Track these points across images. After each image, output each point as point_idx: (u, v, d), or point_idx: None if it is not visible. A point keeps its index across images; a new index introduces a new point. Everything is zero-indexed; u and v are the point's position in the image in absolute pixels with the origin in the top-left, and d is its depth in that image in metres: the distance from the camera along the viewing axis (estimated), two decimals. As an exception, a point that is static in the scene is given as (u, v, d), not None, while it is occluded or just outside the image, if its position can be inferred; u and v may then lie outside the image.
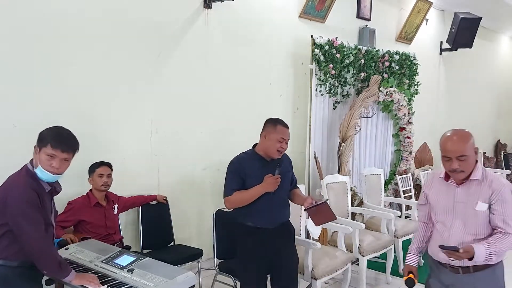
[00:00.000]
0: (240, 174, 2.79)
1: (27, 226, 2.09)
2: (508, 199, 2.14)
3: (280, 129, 2.80)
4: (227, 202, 2.82)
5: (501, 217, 2.14)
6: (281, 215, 2.89)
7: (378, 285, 4.20)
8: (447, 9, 7.62)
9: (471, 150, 2.17)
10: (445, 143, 2.19)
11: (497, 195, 2.14)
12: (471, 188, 2.20)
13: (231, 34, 4.51)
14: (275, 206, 2.82)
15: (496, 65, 9.73)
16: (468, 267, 2.20)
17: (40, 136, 2.19)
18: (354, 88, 5.56)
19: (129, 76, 3.77)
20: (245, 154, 2.89)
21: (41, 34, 3.24)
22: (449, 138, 2.19)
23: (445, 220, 2.28)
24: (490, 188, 2.16)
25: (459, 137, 2.19)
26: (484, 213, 2.17)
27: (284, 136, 2.81)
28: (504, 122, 10.14)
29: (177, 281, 2.28)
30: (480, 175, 2.19)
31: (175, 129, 4.13)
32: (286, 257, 2.94)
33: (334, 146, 5.32)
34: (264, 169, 2.78)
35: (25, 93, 3.20)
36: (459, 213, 2.22)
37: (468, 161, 2.15)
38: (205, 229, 4.23)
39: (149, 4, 3.83)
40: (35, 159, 2.19)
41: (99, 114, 3.60)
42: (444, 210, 2.28)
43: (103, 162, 3.40)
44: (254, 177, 2.76)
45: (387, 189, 5.85)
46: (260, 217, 2.80)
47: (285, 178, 2.87)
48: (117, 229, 3.50)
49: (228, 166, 2.86)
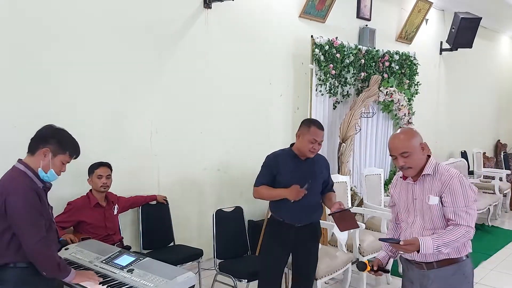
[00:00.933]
0: (272, 170, 2.94)
1: (27, 229, 2.08)
2: (456, 190, 2.13)
3: (313, 130, 2.88)
4: (254, 191, 3.00)
5: (451, 208, 2.13)
6: (306, 215, 2.95)
7: (378, 285, 4.20)
8: (447, 9, 7.62)
9: (415, 147, 2.17)
10: (390, 142, 2.25)
11: (445, 187, 2.14)
12: (425, 184, 2.21)
13: (231, 34, 4.50)
14: (300, 208, 2.90)
15: (496, 65, 9.73)
16: (431, 263, 2.19)
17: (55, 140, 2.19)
18: (354, 88, 5.55)
19: (129, 76, 3.76)
20: (282, 151, 3.03)
21: (41, 34, 3.24)
22: (392, 137, 2.28)
23: (407, 218, 2.30)
24: (440, 180, 2.16)
25: (401, 135, 2.24)
26: (437, 207, 2.16)
27: (316, 138, 2.87)
28: (504, 122, 10.14)
29: (177, 281, 2.27)
30: (432, 169, 2.19)
31: (175, 129, 4.12)
32: (307, 257, 3.04)
33: (334, 146, 5.32)
34: (297, 169, 2.91)
35: (25, 94, 3.19)
36: (418, 210, 2.23)
37: (413, 157, 2.16)
38: (205, 229, 4.22)
39: (149, 4, 3.83)
40: (43, 162, 2.16)
41: (99, 114, 3.60)
42: (405, 209, 2.31)
43: (102, 162, 3.40)
44: (285, 174, 2.90)
45: (387, 189, 5.84)
46: (286, 214, 2.94)
47: (317, 181, 2.96)
48: (117, 229, 3.49)
49: (265, 159, 3.02)
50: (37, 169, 2.17)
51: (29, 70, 3.21)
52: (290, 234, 2.94)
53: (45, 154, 2.17)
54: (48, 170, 2.18)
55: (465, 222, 2.11)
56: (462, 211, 2.12)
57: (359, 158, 5.69)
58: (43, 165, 2.17)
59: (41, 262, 2.13)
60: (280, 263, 3.03)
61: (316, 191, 2.99)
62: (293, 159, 2.94)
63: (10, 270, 2.12)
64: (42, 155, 2.17)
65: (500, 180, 6.99)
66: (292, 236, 2.94)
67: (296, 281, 3.11)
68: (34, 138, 2.22)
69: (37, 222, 2.11)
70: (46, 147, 2.17)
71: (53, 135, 2.21)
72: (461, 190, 2.13)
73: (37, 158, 2.18)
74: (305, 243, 3.00)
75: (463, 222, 2.11)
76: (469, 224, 2.12)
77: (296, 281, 3.11)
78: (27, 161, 2.19)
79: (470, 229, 2.11)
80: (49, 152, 2.17)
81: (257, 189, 2.98)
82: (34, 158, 2.18)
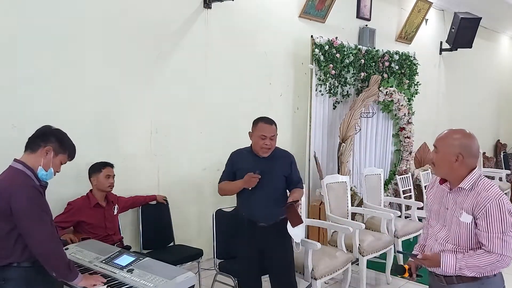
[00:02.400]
0: (233, 167, 3.00)
1: (36, 229, 2.07)
2: (493, 214, 1.95)
3: (260, 126, 2.86)
4: (218, 189, 3.07)
5: (485, 234, 1.96)
6: (267, 212, 2.92)
7: (378, 285, 4.20)
8: (447, 9, 7.62)
9: (447, 147, 2.05)
10: None
11: (481, 209, 1.97)
12: (459, 196, 2.06)
13: (231, 34, 4.51)
14: (260, 203, 2.90)
15: (496, 65, 9.73)
16: (451, 277, 2.05)
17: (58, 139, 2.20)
18: (354, 88, 5.55)
19: (129, 76, 3.77)
20: (244, 149, 3.05)
21: (40, 34, 3.24)
22: (450, 129, 2.15)
23: (435, 225, 2.19)
24: (475, 199, 1.99)
25: (449, 130, 2.14)
26: (468, 225, 2.01)
27: (265, 133, 2.84)
28: (504, 122, 10.14)
29: (177, 281, 2.27)
30: (469, 184, 2.03)
31: (175, 129, 4.13)
32: (279, 255, 2.99)
33: (334, 146, 5.32)
34: (255, 165, 2.89)
35: (25, 94, 3.19)
36: (447, 221, 2.11)
37: (439, 156, 2.07)
38: (205, 229, 4.22)
39: (149, 4, 3.83)
40: (45, 160, 2.16)
41: (98, 114, 3.60)
42: (436, 215, 2.19)
43: (107, 162, 3.41)
44: (243, 172, 2.90)
45: (387, 189, 5.84)
46: (247, 209, 2.96)
47: (273, 177, 2.93)
48: (117, 229, 3.50)
49: (229, 156, 3.06)
50: (36, 167, 2.15)
51: (29, 70, 3.21)
52: (256, 234, 2.94)
53: (48, 152, 2.17)
54: (48, 169, 2.18)
55: (498, 250, 1.94)
56: (497, 238, 1.94)
57: (359, 158, 5.69)
58: (44, 163, 2.16)
59: (53, 262, 2.12)
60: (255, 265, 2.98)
61: (275, 188, 2.95)
62: (253, 156, 2.95)
63: (14, 269, 2.11)
64: (44, 153, 2.16)
65: (500, 180, 6.99)
66: (258, 236, 2.94)
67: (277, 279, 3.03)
68: (34, 136, 2.22)
69: (44, 220, 2.10)
70: (48, 145, 2.17)
71: (54, 134, 2.22)
72: (499, 215, 1.94)
73: (38, 156, 2.16)
74: (274, 244, 2.95)
75: (496, 250, 1.94)
76: (503, 253, 1.94)
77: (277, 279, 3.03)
78: (25, 159, 2.17)
79: (503, 258, 1.95)
80: (51, 151, 2.18)
81: (219, 185, 3.04)
82: (34, 156, 2.16)
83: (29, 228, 2.07)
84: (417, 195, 6.07)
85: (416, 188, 6.13)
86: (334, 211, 4.22)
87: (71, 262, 2.23)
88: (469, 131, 2.13)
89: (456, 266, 1.98)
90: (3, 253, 2.10)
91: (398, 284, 4.18)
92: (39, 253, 2.09)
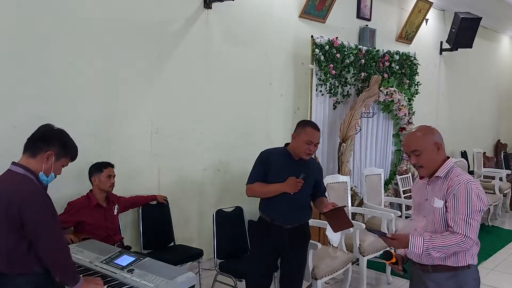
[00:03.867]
0: (265, 166, 2.88)
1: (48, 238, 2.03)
2: (461, 197, 2.04)
3: (309, 131, 2.82)
4: (248, 189, 2.93)
5: (451, 215, 2.06)
6: (296, 215, 2.91)
7: (378, 285, 4.20)
8: (447, 9, 7.61)
9: (428, 146, 2.12)
10: (404, 140, 2.23)
11: (451, 192, 2.07)
12: (435, 186, 2.16)
13: (231, 34, 4.50)
14: (292, 205, 2.85)
15: (496, 65, 9.73)
16: (427, 266, 2.15)
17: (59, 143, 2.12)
18: (354, 88, 5.55)
19: (129, 76, 3.76)
20: (275, 149, 2.97)
21: (40, 34, 3.24)
22: (407, 134, 2.26)
23: (417, 217, 2.28)
24: (447, 184, 2.10)
25: (416, 132, 2.20)
26: (440, 210, 2.11)
27: (312, 139, 2.81)
28: (504, 122, 10.14)
29: (177, 281, 2.27)
30: (445, 172, 2.13)
31: (175, 129, 4.12)
32: (295, 259, 2.98)
33: (335, 146, 5.32)
34: (289, 167, 2.83)
35: (25, 94, 3.19)
36: (425, 211, 2.20)
37: (424, 156, 2.12)
38: (205, 229, 4.22)
39: (149, 4, 3.83)
40: (46, 165, 2.08)
41: (98, 114, 3.60)
42: (417, 208, 2.29)
43: (108, 162, 3.41)
44: (276, 172, 2.83)
45: (387, 189, 5.84)
46: (276, 212, 2.87)
47: (308, 182, 2.88)
48: (117, 229, 3.49)
49: (258, 155, 2.96)
50: (38, 172, 2.08)
51: (29, 70, 3.20)
52: (279, 236, 2.88)
53: (49, 157, 2.09)
54: (49, 174, 2.11)
55: (462, 231, 2.02)
56: (461, 220, 2.03)
57: (359, 158, 5.69)
58: (45, 168, 2.08)
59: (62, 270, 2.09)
60: (268, 266, 2.98)
61: (306, 192, 2.91)
62: (286, 157, 2.88)
63: (26, 277, 2.08)
64: (45, 158, 2.08)
65: (500, 180, 6.99)
66: (281, 239, 2.88)
67: (284, 286, 3.05)
68: (35, 139, 2.11)
69: (54, 228, 2.07)
70: (50, 150, 2.09)
71: (56, 138, 2.12)
72: (465, 197, 2.04)
73: (39, 161, 2.08)
74: (294, 247, 2.94)
75: (460, 231, 2.02)
76: (467, 234, 2.02)
77: (284, 286, 3.05)
78: (25, 163, 2.08)
79: (467, 240, 2.02)
80: (53, 156, 2.09)
81: (250, 186, 2.91)
82: (35, 161, 2.08)
83: (40, 237, 2.03)
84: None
85: (416, 188, 6.12)
86: (334, 211, 4.21)
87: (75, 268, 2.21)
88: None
89: (423, 246, 2.03)
90: (16, 263, 2.06)
91: (398, 284, 4.18)
92: (49, 262, 2.06)
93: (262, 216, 2.98)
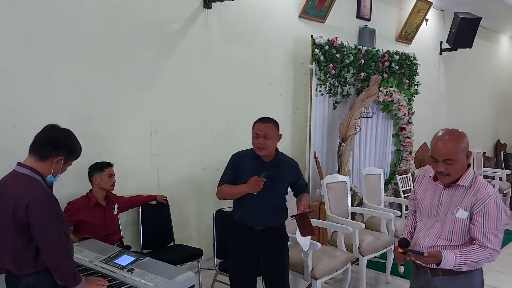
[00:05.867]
0: (235, 169, 2.86)
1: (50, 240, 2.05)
2: (491, 211, 2.01)
3: (255, 126, 2.82)
4: (217, 191, 2.91)
5: (481, 229, 2.02)
6: (266, 218, 2.85)
7: (378, 285, 4.20)
8: (447, 9, 7.62)
9: (461, 154, 2.03)
10: (434, 144, 2.05)
11: (480, 206, 2.02)
12: (456, 193, 2.10)
13: (231, 34, 4.51)
14: (260, 208, 2.80)
15: (496, 65, 9.74)
16: (437, 269, 2.11)
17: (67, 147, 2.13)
18: (354, 88, 5.56)
19: (129, 76, 3.77)
20: (248, 151, 2.92)
21: (40, 34, 3.24)
22: (440, 138, 2.05)
23: (426, 221, 2.21)
24: (475, 196, 2.04)
25: (450, 138, 2.04)
26: (463, 221, 2.06)
27: (258, 131, 2.78)
28: (504, 122, 10.15)
29: (177, 281, 2.28)
30: (468, 181, 2.07)
31: (175, 129, 4.13)
32: (277, 261, 2.92)
33: (334, 146, 5.32)
34: (258, 169, 2.78)
35: (25, 94, 3.19)
36: (440, 217, 2.14)
37: (456, 166, 2.03)
38: (205, 229, 4.23)
39: (149, 4, 3.83)
40: (55, 168, 2.10)
41: (98, 114, 3.60)
42: (427, 210, 2.21)
43: (109, 162, 3.43)
44: (246, 175, 2.79)
45: (387, 189, 5.85)
46: (245, 214, 2.86)
47: (278, 182, 2.84)
48: (117, 229, 3.50)
49: (230, 157, 2.93)
50: (45, 174, 2.10)
51: (29, 70, 3.21)
52: (252, 238, 2.83)
53: (58, 161, 2.11)
54: (56, 175, 2.15)
55: (492, 245, 2.02)
56: (491, 234, 2.02)
57: (359, 158, 5.70)
58: (54, 171, 2.11)
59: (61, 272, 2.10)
60: (249, 268, 2.90)
61: (277, 194, 2.87)
62: (256, 160, 2.85)
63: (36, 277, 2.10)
64: (54, 162, 2.10)
65: (500, 180, 7.00)
66: (255, 241, 2.84)
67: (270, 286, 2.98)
68: (44, 142, 2.09)
69: (60, 231, 2.08)
70: (60, 155, 2.10)
71: (66, 143, 2.13)
72: (495, 212, 2.01)
73: (48, 165, 2.09)
74: (270, 249, 2.87)
75: (490, 245, 2.02)
76: (495, 248, 2.03)
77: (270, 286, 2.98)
78: (32, 165, 2.08)
79: (495, 253, 2.04)
80: (62, 160, 2.12)
81: (219, 188, 2.88)
82: (44, 164, 2.09)
83: (42, 240, 2.04)
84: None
85: (416, 188, 6.12)
86: (334, 211, 4.22)
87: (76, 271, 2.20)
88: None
89: (455, 262, 2.01)
90: (25, 264, 2.08)
91: (398, 284, 4.18)
92: (50, 265, 2.08)
93: (235, 218, 2.93)
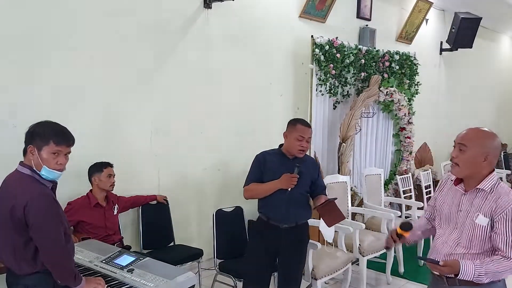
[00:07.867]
0: (260, 168, 2.90)
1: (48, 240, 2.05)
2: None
3: (299, 128, 2.86)
4: (245, 191, 2.95)
5: (503, 237, 1.91)
6: (293, 214, 2.89)
7: (378, 285, 4.20)
8: (447, 9, 7.62)
9: (477, 147, 1.95)
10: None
11: (501, 213, 1.91)
12: (476, 198, 2.00)
13: (231, 34, 4.50)
14: (288, 204, 2.83)
15: (496, 65, 9.73)
16: (453, 279, 2.00)
17: (35, 134, 2.08)
18: (354, 88, 5.55)
19: (129, 76, 3.76)
20: (271, 150, 2.99)
21: (40, 34, 3.24)
22: (471, 127, 2.04)
23: (446, 228, 2.11)
24: (496, 202, 1.94)
25: (476, 129, 2.01)
26: (483, 228, 1.95)
27: (303, 134, 2.84)
28: (504, 122, 10.13)
29: (177, 281, 2.28)
30: (489, 186, 1.98)
31: (175, 129, 4.12)
32: (292, 261, 2.96)
33: (335, 146, 5.32)
34: (284, 166, 2.85)
35: (25, 94, 3.19)
36: (459, 223, 2.04)
37: (467, 155, 1.96)
38: (205, 229, 4.22)
39: (149, 4, 3.83)
40: (34, 160, 2.08)
41: (98, 114, 3.60)
42: (446, 217, 2.12)
43: (108, 162, 3.42)
44: (272, 172, 2.85)
45: (387, 189, 5.84)
46: (273, 211, 2.88)
47: (304, 179, 2.88)
48: (117, 229, 3.50)
49: (254, 158, 2.98)
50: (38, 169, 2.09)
51: (30, 70, 3.20)
52: (275, 236, 2.87)
53: (32, 152, 2.08)
54: (42, 168, 2.08)
55: None
56: None
57: (359, 158, 5.69)
58: (35, 164, 2.08)
59: (60, 273, 2.11)
60: (266, 266, 2.96)
61: (302, 189, 2.90)
62: (281, 158, 2.90)
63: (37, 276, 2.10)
64: (30, 154, 2.08)
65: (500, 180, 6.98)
66: (278, 239, 2.88)
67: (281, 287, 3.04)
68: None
69: (58, 232, 2.08)
70: (30, 145, 2.08)
71: (33, 130, 2.10)
72: None
73: (27, 159, 2.11)
74: (292, 247, 2.92)
75: None
76: None
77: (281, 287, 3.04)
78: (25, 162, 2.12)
79: None
80: (35, 149, 2.07)
81: (247, 187, 2.93)
82: (27, 159, 2.11)
83: (42, 239, 2.05)
84: (418, 195, 6.07)
85: (416, 188, 6.12)
86: (334, 211, 4.21)
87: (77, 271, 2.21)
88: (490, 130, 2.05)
89: (475, 273, 1.89)
90: (25, 264, 2.08)
91: (398, 284, 4.18)
92: (49, 265, 2.08)
93: (260, 216, 2.99)
